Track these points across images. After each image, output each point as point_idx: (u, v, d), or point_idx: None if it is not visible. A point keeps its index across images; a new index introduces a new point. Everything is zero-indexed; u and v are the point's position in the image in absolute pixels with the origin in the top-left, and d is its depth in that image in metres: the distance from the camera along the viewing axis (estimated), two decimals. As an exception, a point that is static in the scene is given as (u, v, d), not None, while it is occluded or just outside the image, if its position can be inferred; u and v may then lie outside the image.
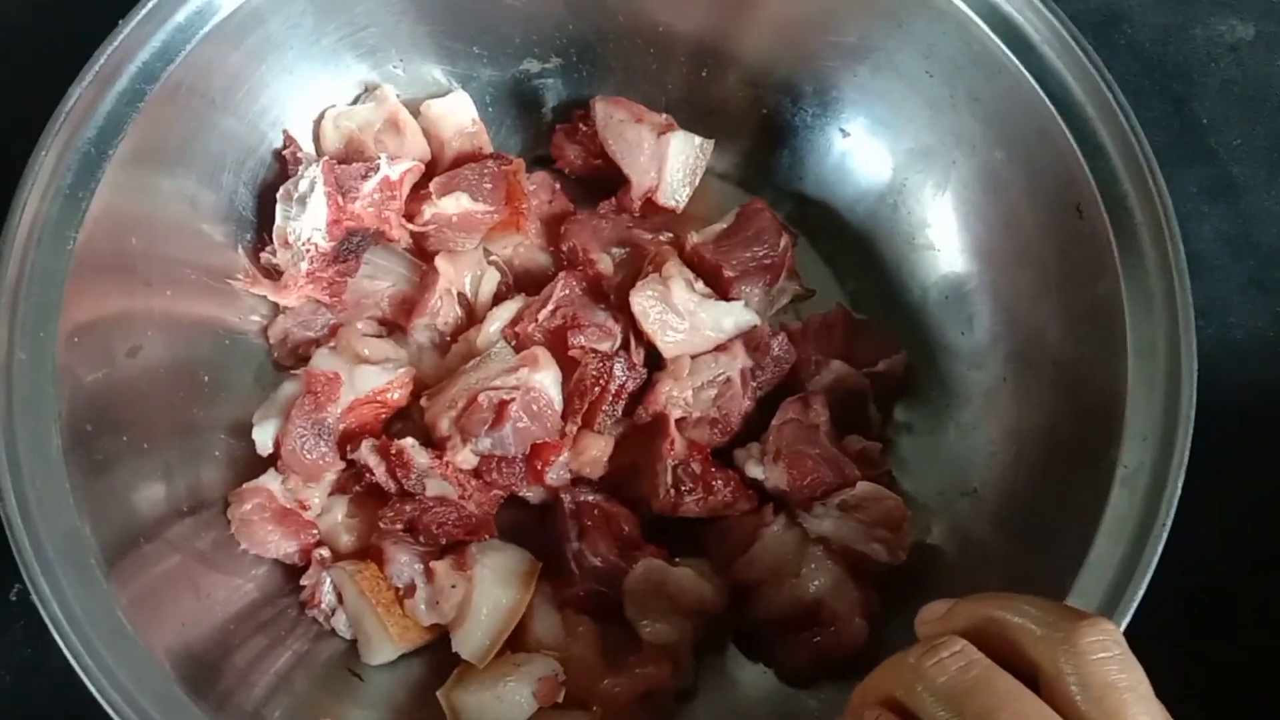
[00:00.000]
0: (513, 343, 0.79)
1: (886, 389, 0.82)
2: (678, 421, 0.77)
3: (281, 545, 0.74)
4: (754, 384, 0.79)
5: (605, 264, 0.83)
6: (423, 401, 0.77)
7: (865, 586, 0.73)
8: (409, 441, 0.74)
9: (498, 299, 0.83)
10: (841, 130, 0.86)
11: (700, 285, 0.80)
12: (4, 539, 0.68)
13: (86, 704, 0.75)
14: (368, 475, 0.76)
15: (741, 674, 0.76)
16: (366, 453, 0.75)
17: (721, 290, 0.80)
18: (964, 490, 0.77)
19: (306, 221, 0.77)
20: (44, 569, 0.59)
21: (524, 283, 0.85)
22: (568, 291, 0.79)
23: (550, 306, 0.79)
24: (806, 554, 0.73)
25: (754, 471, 0.76)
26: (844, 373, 0.79)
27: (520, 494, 0.78)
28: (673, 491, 0.74)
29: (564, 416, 0.77)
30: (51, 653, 0.76)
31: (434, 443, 0.76)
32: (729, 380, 0.78)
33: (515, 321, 0.79)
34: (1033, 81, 0.73)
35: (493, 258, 0.85)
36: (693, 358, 0.78)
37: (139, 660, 0.59)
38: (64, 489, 0.62)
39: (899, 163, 0.85)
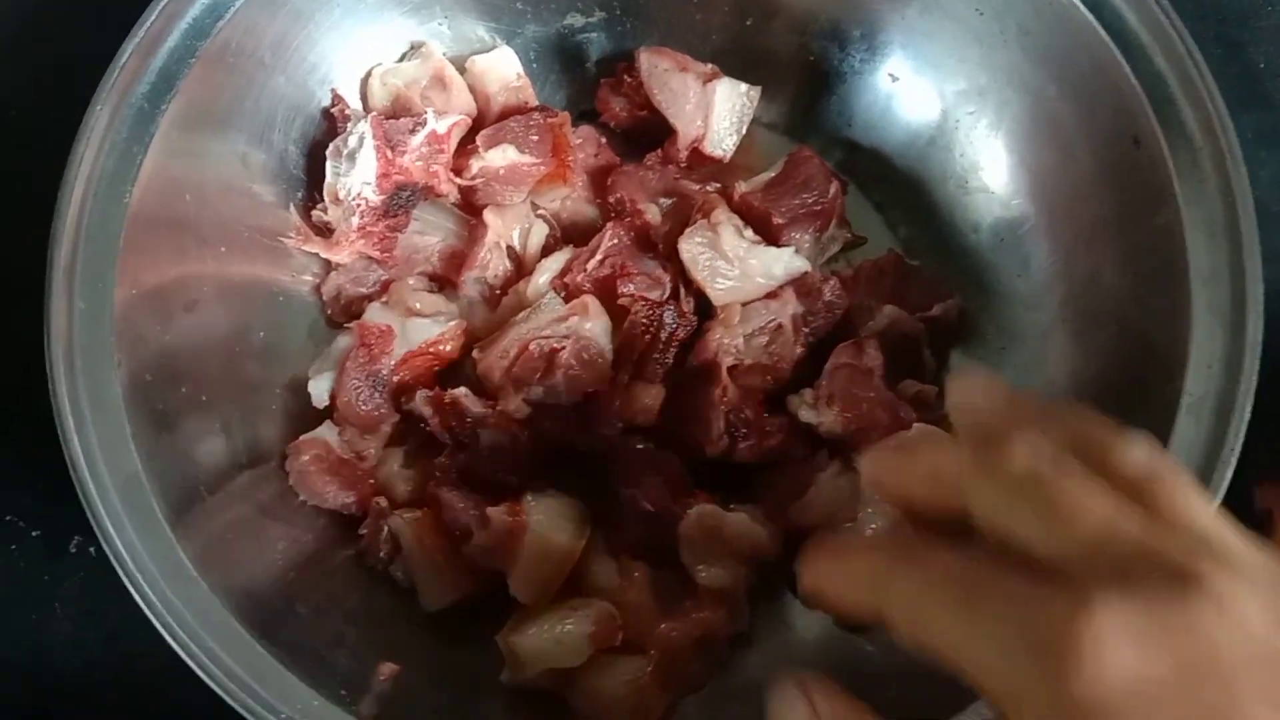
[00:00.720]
0: (562, 293, 0.79)
1: (941, 334, 0.80)
2: (729, 369, 0.76)
3: (339, 496, 0.74)
4: (806, 330, 0.79)
5: (653, 214, 0.82)
6: (475, 353, 0.78)
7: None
8: (462, 391, 0.74)
9: (546, 251, 0.83)
10: (890, 74, 0.85)
11: (749, 232, 0.79)
12: (63, 490, 0.69)
13: (145, 654, 0.78)
14: (422, 426, 0.76)
15: (797, 619, 0.75)
16: (421, 403, 0.76)
17: (771, 238, 0.79)
18: (1023, 432, 0.76)
19: (356, 176, 0.78)
20: (109, 512, 0.60)
21: (571, 235, 0.85)
22: (616, 241, 0.79)
23: (599, 256, 0.79)
24: (862, 498, 0.72)
25: (807, 416, 0.76)
26: (897, 317, 0.78)
27: (572, 442, 0.77)
28: (725, 438, 0.74)
29: (615, 365, 0.77)
30: (111, 604, 0.80)
31: (487, 393, 0.76)
32: (780, 326, 0.78)
33: (564, 272, 0.79)
34: (1085, 12, 0.71)
35: (540, 211, 0.85)
36: (743, 305, 0.78)
37: (205, 603, 0.60)
38: (125, 435, 0.63)
39: (949, 105, 0.83)
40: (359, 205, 0.78)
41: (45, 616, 0.80)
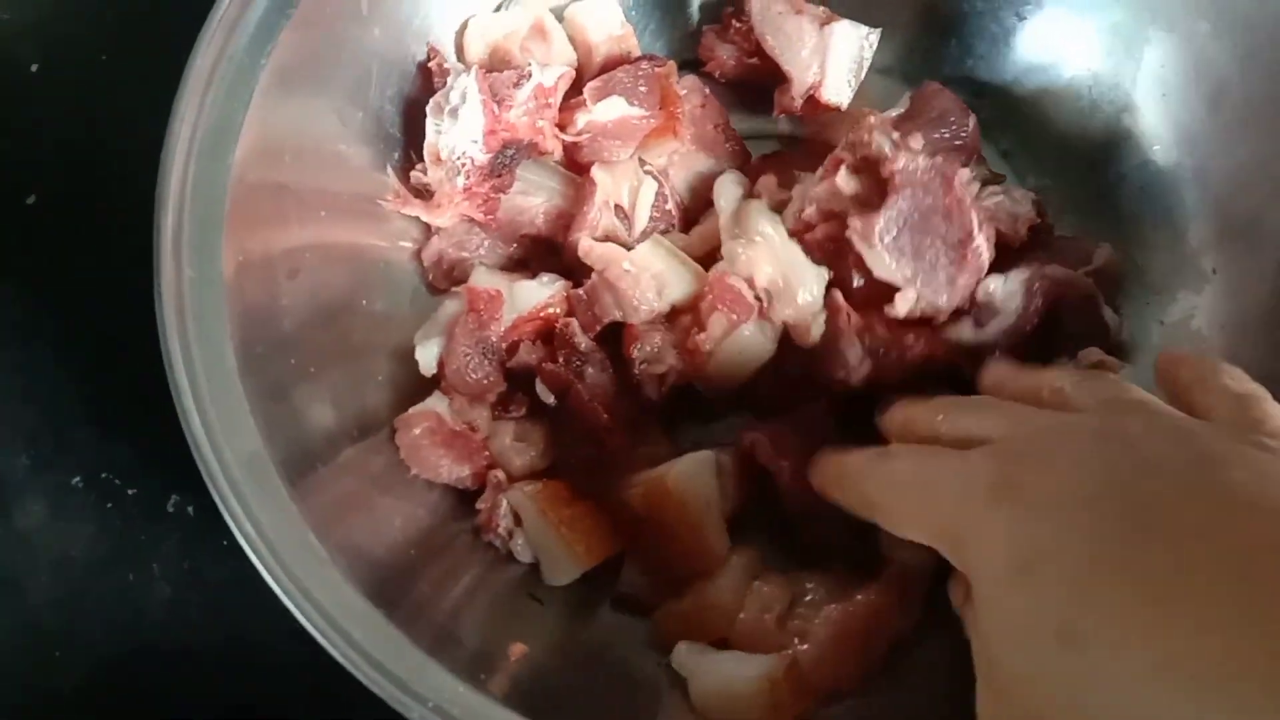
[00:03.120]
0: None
1: (1109, 288, 0.74)
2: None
3: (453, 470, 0.71)
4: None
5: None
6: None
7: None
8: (573, 320, 0.73)
9: (656, 209, 0.78)
10: (1017, 14, 0.80)
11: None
12: (160, 447, 0.66)
13: (247, 617, 0.76)
14: (523, 390, 0.73)
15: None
16: (526, 350, 0.73)
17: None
18: (1173, 392, 0.71)
19: (460, 134, 0.74)
20: (235, 492, 0.56)
21: (679, 191, 0.81)
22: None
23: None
24: None
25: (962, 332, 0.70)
26: (1064, 276, 0.71)
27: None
28: (867, 362, 0.69)
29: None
30: (210, 565, 0.78)
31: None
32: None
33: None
34: (1249, -64, 0.66)
35: (647, 167, 0.80)
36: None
37: (338, 586, 0.56)
38: (244, 410, 0.59)
39: (1085, 46, 0.78)
40: (463, 165, 0.74)
41: (143, 578, 0.78)
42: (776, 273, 0.71)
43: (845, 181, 0.68)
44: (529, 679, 0.64)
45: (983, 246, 0.68)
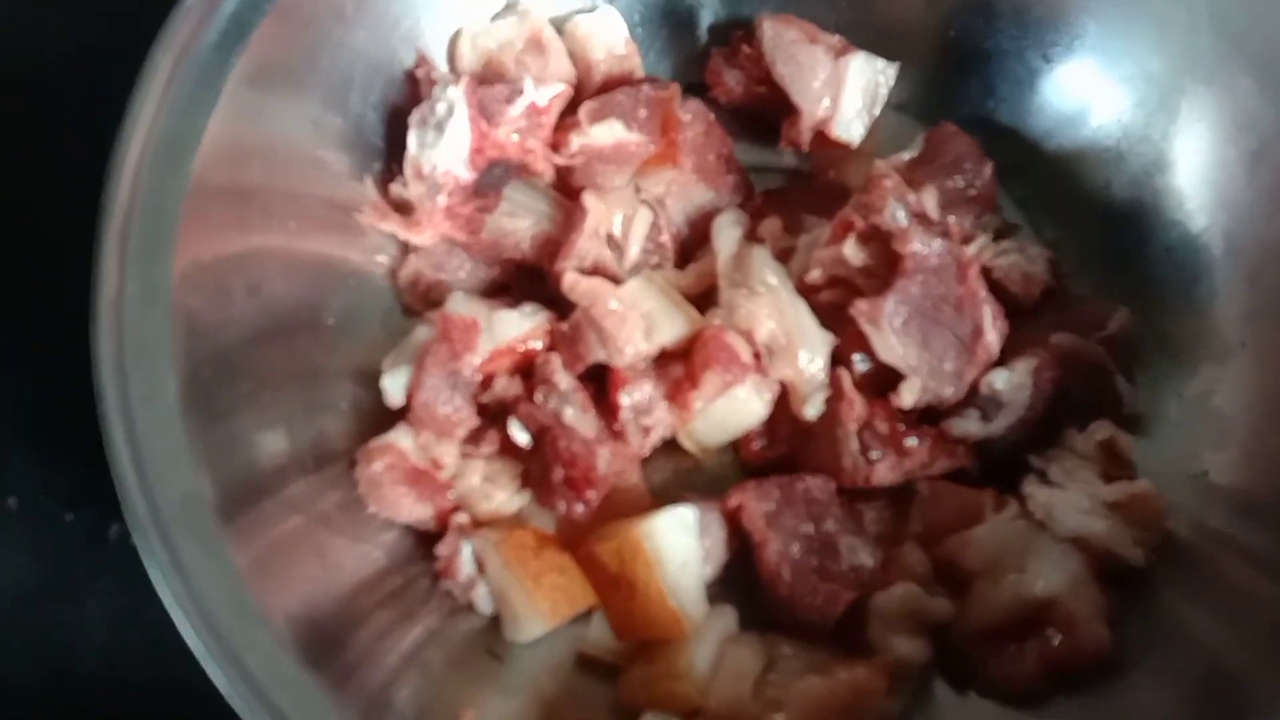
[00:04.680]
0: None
1: (1124, 354, 0.70)
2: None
3: (415, 510, 0.66)
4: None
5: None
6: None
7: (1106, 588, 0.62)
8: (555, 356, 0.67)
9: (650, 241, 0.73)
10: (1044, 56, 0.76)
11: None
12: (103, 468, 0.61)
13: (185, 662, 0.69)
14: (506, 413, 0.68)
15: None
16: (502, 385, 0.68)
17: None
18: (1190, 473, 0.66)
19: (445, 150, 0.69)
20: (159, 531, 0.52)
21: (676, 223, 0.76)
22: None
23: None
24: (1035, 546, 0.62)
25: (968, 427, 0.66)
26: (1071, 344, 0.67)
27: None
28: (861, 459, 0.65)
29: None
30: (150, 603, 0.71)
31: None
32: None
33: None
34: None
35: (643, 196, 0.75)
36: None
37: (257, 632, 0.52)
38: (181, 443, 0.54)
39: (1114, 94, 0.74)
40: (446, 183, 0.69)
41: (78, 614, 0.72)
42: (779, 328, 0.67)
43: (853, 253, 0.65)
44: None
45: (994, 342, 0.65)
